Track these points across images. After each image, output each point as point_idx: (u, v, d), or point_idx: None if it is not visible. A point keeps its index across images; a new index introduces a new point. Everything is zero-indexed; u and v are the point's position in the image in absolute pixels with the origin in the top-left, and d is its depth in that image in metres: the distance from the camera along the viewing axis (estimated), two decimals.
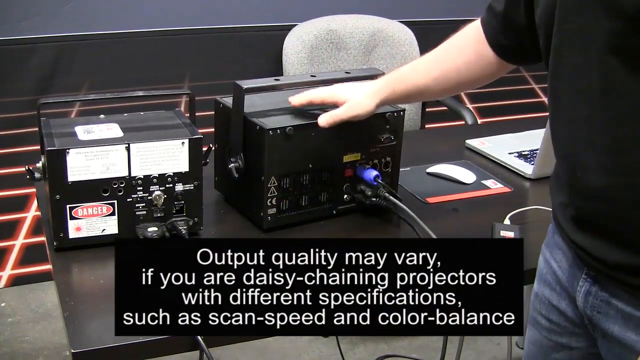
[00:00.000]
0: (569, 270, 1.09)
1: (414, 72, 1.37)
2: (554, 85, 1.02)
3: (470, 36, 1.30)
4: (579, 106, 0.96)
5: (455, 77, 1.33)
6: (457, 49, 1.32)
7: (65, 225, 1.30)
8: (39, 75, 2.54)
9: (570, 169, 1.01)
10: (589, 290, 1.05)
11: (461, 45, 1.32)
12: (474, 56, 1.29)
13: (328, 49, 2.53)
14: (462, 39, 1.32)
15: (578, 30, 0.94)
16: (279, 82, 1.48)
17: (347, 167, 1.47)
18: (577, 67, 0.95)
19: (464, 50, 1.31)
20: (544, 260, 1.18)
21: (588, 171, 0.97)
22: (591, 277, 1.04)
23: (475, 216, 1.57)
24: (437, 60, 1.34)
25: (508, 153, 1.85)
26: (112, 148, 1.29)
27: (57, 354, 2.44)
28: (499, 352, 2.52)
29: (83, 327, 1.14)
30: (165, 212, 1.35)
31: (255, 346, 2.46)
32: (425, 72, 1.35)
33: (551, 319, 1.16)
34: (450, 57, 1.32)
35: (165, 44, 2.68)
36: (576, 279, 1.07)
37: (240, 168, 1.42)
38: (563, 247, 1.11)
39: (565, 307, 1.12)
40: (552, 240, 1.16)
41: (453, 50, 1.33)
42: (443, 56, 1.34)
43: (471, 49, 1.29)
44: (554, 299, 1.14)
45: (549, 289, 1.15)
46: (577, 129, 0.97)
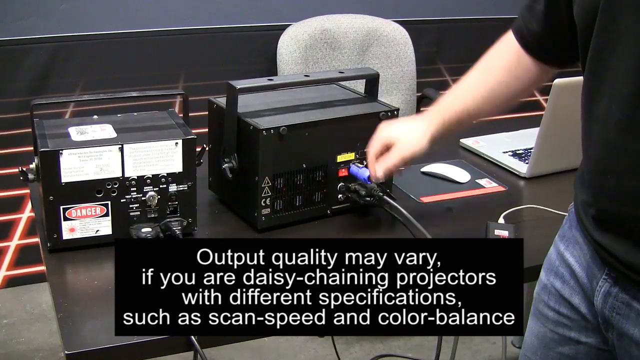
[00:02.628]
0: (587, 269, 1.09)
1: (459, 98, 1.35)
2: (591, 85, 1.00)
3: (508, 48, 1.28)
4: (616, 109, 0.95)
5: (505, 92, 1.32)
6: (498, 63, 1.31)
7: (59, 226, 1.29)
8: (33, 76, 2.54)
9: (599, 170, 1.01)
10: (609, 291, 1.04)
11: (501, 59, 1.30)
12: (516, 66, 1.28)
13: (322, 48, 2.53)
14: (499, 53, 1.31)
15: (624, 31, 0.93)
16: (273, 82, 1.48)
17: (341, 166, 1.47)
18: (618, 69, 0.94)
19: (505, 63, 1.29)
20: (558, 252, 1.17)
21: (619, 174, 0.96)
22: (612, 278, 1.03)
23: (470, 215, 1.57)
24: (480, 79, 1.33)
25: (502, 152, 1.85)
26: (106, 149, 1.28)
27: (52, 355, 2.44)
28: (495, 351, 2.52)
29: (77, 329, 1.14)
30: (159, 212, 1.34)
31: (251, 346, 2.46)
32: (472, 94, 1.33)
33: (560, 311, 1.15)
34: (494, 73, 1.31)
35: (159, 45, 2.67)
36: (595, 278, 1.06)
37: (234, 168, 1.42)
38: (581, 243, 1.11)
39: (578, 302, 1.11)
40: (569, 233, 1.15)
41: (494, 65, 1.31)
42: (486, 74, 1.32)
43: (512, 60, 1.28)
44: (565, 292, 1.13)
45: (561, 282, 1.14)
46: (612, 131, 0.96)
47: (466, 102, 1.33)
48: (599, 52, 0.98)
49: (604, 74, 0.97)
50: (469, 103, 1.33)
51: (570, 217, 1.16)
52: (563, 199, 1.46)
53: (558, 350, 1.17)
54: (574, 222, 1.14)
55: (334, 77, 1.64)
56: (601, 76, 0.98)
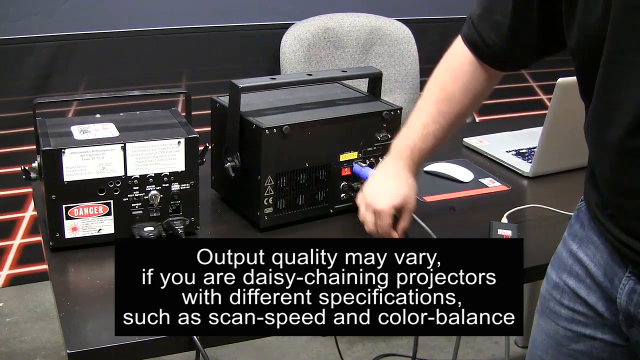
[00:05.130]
0: (605, 267, 1.08)
1: (430, 135, 1.31)
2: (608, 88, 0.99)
3: (462, 64, 1.28)
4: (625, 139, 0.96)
5: (469, 111, 1.33)
6: (459, 89, 1.29)
7: (62, 225, 1.29)
8: (35, 75, 2.54)
9: (616, 191, 1.01)
10: (633, 288, 1.04)
11: (458, 81, 1.29)
12: (475, 85, 1.28)
13: (325, 47, 2.53)
14: (455, 73, 1.30)
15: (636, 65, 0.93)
16: (275, 80, 1.48)
17: (343, 165, 1.46)
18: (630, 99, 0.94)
19: (464, 84, 1.29)
20: (569, 251, 1.16)
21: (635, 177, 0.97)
22: (636, 275, 1.03)
23: (473, 215, 1.56)
24: (446, 110, 1.30)
25: (506, 151, 1.85)
26: (108, 148, 1.28)
27: (55, 354, 2.44)
28: (498, 350, 2.52)
29: (79, 328, 1.14)
30: (161, 211, 1.34)
31: (254, 345, 2.46)
32: (440, 125, 1.31)
33: (576, 309, 1.14)
34: (457, 100, 1.30)
35: (162, 43, 2.67)
36: (617, 277, 1.06)
37: (237, 167, 1.42)
38: (597, 243, 1.10)
39: (595, 300, 1.11)
40: (581, 232, 1.15)
41: (455, 92, 1.29)
42: (450, 104, 1.30)
43: (469, 79, 1.28)
44: (582, 291, 1.13)
45: (576, 280, 1.14)
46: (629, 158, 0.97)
47: (437, 137, 1.31)
48: (614, 55, 0.97)
49: (613, 100, 0.97)
50: (440, 136, 1.31)
51: (580, 216, 1.16)
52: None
53: (572, 347, 1.16)
54: (586, 221, 1.14)
55: (337, 76, 1.63)
56: (610, 103, 0.97)
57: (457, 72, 1.29)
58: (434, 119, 1.30)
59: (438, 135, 1.31)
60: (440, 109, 1.30)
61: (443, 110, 1.30)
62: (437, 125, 1.30)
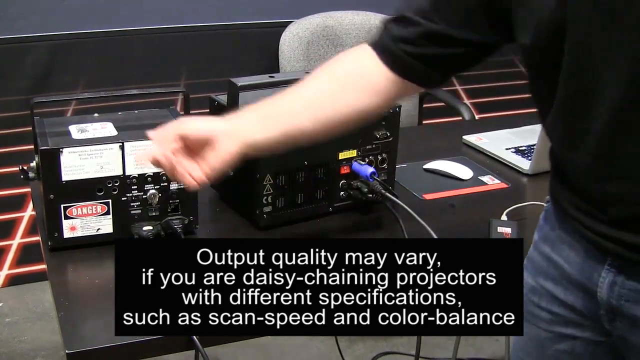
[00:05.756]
0: (582, 264, 1.08)
1: (294, 111, 1.15)
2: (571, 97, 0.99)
3: (369, 67, 1.14)
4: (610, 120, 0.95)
5: (356, 120, 1.18)
6: (356, 84, 1.15)
7: (60, 225, 1.29)
8: (33, 74, 2.53)
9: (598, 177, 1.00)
10: (613, 280, 1.04)
11: (360, 79, 1.15)
12: (377, 93, 1.15)
13: (324, 45, 2.52)
14: (357, 70, 1.16)
15: (614, 45, 0.92)
16: (274, 79, 1.47)
17: (343, 164, 1.46)
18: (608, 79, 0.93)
19: (366, 85, 1.15)
20: (541, 254, 1.16)
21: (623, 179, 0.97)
22: (615, 267, 1.03)
23: (472, 212, 1.56)
24: (332, 101, 1.16)
25: (505, 149, 1.84)
26: (106, 147, 1.28)
27: (55, 354, 2.44)
28: (498, 348, 2.51)
29: (78, 328, 1.13)
30: (160, 211, 1.34)
31: (255, 344, 2.45)
32: (313, 114, 1.15)
33: (553, 310, 1.14)
34: (350, 95, 1.15)
35: (160, 42, 2.67)
36: (596, 271, 1.06)
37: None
38: (569, 240, 1.10)
39: (573, 300, 1.11)
40: (551, 234, 1.15)
41: (350, 86, 1.15)
42: (341, 96, 1.15)
43: (375, 83, 1.14)
44: (559, 293, 1.13)
45: (553, 283, 1.14)
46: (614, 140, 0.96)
47: (302, 121, 1.15)
48: (581, 65, 0.96)
49: (591, 86, 0.95)
50: (307, 125, 1.16)
51: (548, 217, 1.16)
52: None
53: (554, 348, 1.17)
54: (555, 222, 1.13)
55: None
56: (588, 88, 0.96)
57: (360, 69, 1.15)
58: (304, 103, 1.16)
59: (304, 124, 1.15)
60: (330, 100, 1.16)
61: (328, 104, 1.15)
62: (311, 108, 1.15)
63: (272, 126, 1.13)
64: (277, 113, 1.15)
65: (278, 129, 1.14)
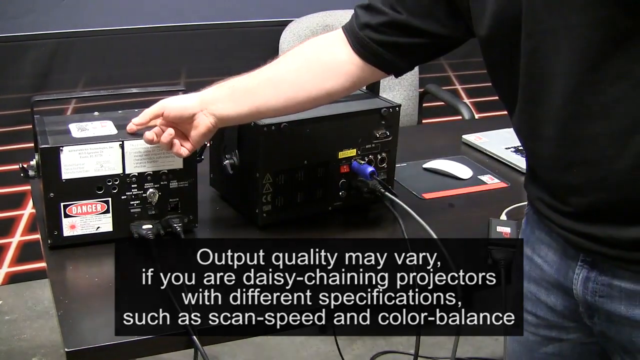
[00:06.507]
0: (559, 262, 1.09)
1: (262, 89, 1.24)
2: (529, 85, 0.99)
3: (338, 50, 1.22)
4: (564, 105, 0.95)
5: (321, 100, 1.25)
6: (324, 66, 1.22)
7: (60, 223, 1.29)
8: (34, 72, 2.54)
9: (559, 166, 1.00)
10: (587, 276, 1.04)
11: (329, 62, 1.22)
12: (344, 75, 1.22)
13: None
14: (326, 52, 1.23)
15: (553, 29, 0.93)
16: None
17: (342, 163, 1.46)
18: (561, 66, 0.93)
19: (333, 67, 1.22)
20: (525, 257, 1.17)
21: (583, 165, 0.96)
22: (588, 263, 1.03)
23: (472, 212, 1.56)
24: (299, 81, 1.23)
25: (505, 148, 1.85)
26: (106, 145, 1.28)
27: (54, 352, 2.44)
28: (497, 347, 2.52)
29: (77, 326, 1.13)
30: (159, 209, 1.34)
31: (253, 342, 2.46)
32: (280, 92, 1.24)
33: (538, 314, 1.15)
34: (317, 76, 1.22)
35: (160, 41, 2.67)
36: (570, 268, 1.06)
37: (235, 165, 1.42)
38: (547, 240, 1.11)
39: (554, 300, 1.12)
40: (532, 236, 1.15)
41: (317, 67, 1.23)
42: (307, 76, 1.23)
43: (341, 65, 1.21)
44: (541, 294, 1.14)
45: (535, 285, 1.15)
46: (570, 125, 0.96)
47: (269, 99, 1.24)
48: (533, 55, 0.97)
49: (545, 73, 0.96)
50: (271, 101, 1.24)
51: (529, 220, 1.17)
52: None
53: (543, 351, 1.17)
54: (534, 223, 1.14)
55: None
56: (542, 75, 0.97)
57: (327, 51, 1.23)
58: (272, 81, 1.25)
59: (270, 101, 1.24)
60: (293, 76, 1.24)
61: (296, 79, 1.23)
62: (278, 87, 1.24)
63: (242, 103, 1.24)
64: (248, 90, 1.25)
65: (248, 105, 1.24)
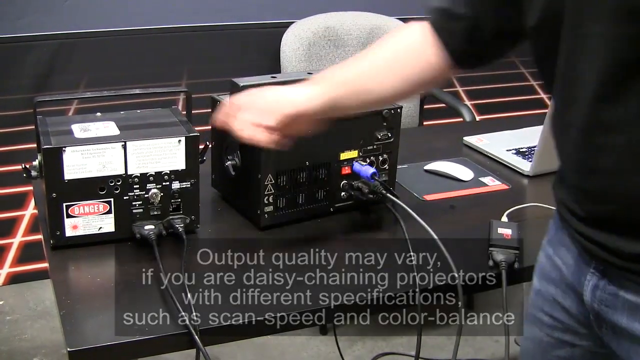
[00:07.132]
0: (575, 266, 1.09)
1: (364, 79, 1.24)
2: (562, 87, 0.99)
3: (423, 42, 1.22)
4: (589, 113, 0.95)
5: (410, 88, 1.26)
6: (412, 55, 1.23)
7: (62, 224, 1.29)
8: (36, 73, 2.54)
9: (580, 171, 1.00)
10: (596, 284, 1.04)
11: (415, 52, 1.23)
12: (426, 64, 1.22)
13: (326, 46, 2.53)
14: (413, 45, 1.23)
15: (590, 35, 0.92)
16: (276, 79, 1.48)
17: (344, 164, 1.46)
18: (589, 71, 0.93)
19: (421, 57, 1.22)
20: (547, 256, 1.17)
21: (601, 174, 0.96)
22: (599, 270, 1.03)
23: (473, 213, 1.56)
24: (391, 68, 1.23)
25: (506, 150, 1.85)
26: (109, 146, 1.28)
27: (55, 352, 2.44)
28: (498, 349, 2.52)
29: (79, 326, 1.14)
30: (162, 210, 1.34)
31: (254, 344, 2.46)
32: (381, 80, 1.23)
33: (554, 315, 1.15)
34: (407, 64, 1.23)
35: (163, 42, 2.67)
36: (583, 274, 1.06)
37: (237, 166, 1.42)
38: (567, 243, 1.11)
39: (569, 304, 1.12)
40: (555, 237, 1.15)
41: (407, 57, 1.23)
42: (398, 65, 1.23)
43: (427, 56, 1.22)
44: (558, 296, 1.13)
45: (554, 286, 1.14)
46: (592, 133, 0.96)
47: (373, 86, 1.24)
48: (568, 57, 0.97)
49: (576, 77, 0.96)
50: (375, 88, 1.24)
51: (555, 220, 1.16)
52: None
53: (555, 354, 1.17)
54: (558, 224, 1.14)
55: None
56: (573, 79, 0.97)
57: (415, 43, 1.23)
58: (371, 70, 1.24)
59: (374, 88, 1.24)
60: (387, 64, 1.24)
61: (390, 67, 1.24)
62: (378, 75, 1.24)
63: (357, 100, 1.24)
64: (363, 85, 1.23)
65: (362, 100, 1.24)
